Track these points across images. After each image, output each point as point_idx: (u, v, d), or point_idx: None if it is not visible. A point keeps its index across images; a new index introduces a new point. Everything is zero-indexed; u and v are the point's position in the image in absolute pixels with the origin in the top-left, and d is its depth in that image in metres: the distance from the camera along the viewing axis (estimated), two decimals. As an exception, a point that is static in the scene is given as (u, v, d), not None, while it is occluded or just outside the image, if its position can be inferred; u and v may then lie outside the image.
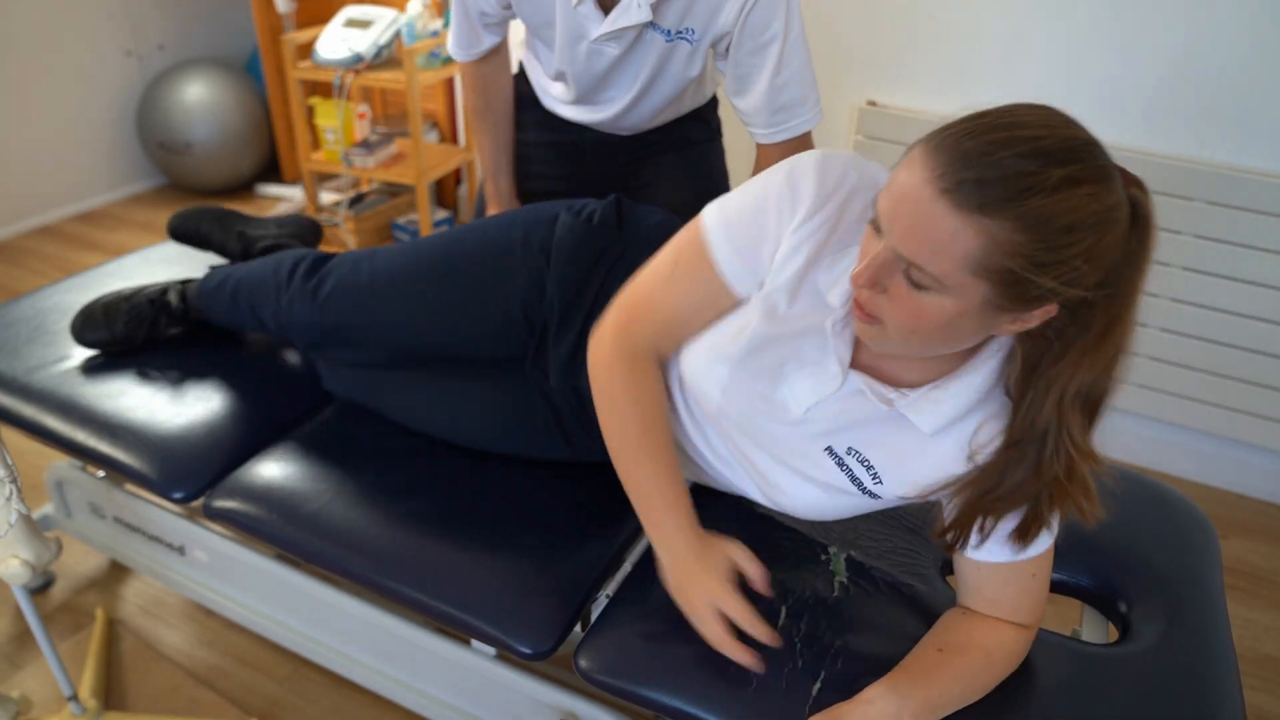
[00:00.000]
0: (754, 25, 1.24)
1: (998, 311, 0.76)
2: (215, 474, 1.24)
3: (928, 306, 0.77)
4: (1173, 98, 1.81)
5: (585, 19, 1.24)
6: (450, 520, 1.14)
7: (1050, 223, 0.71)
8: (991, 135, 0.73)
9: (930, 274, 0.74)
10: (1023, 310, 0.76)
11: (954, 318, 0.77)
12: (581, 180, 1.58)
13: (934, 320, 0.78)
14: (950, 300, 0.76)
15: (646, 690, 0.95)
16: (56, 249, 3.06)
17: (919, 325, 0.79)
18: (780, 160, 1.38)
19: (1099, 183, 0.72)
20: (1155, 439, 2.08)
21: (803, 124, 1.37)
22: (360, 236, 3.02)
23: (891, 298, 0.78)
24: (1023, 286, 0.73)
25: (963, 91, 1.99)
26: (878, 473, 0.93)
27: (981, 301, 0.75)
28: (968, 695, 0.91)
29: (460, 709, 1.28)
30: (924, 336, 0.80)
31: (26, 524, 1.13)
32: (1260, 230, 1.77)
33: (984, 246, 0.72)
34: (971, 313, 0.77)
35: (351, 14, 2.78)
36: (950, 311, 0.77)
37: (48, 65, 3.06)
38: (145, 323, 1.42)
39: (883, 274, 0.78)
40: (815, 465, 0.96)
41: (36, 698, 1.50)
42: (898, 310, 0.79)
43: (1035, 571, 0.92)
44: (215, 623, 1.65)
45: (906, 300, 0.77)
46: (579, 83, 1.38)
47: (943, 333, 0.79)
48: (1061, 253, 0.72)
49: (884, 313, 0.80)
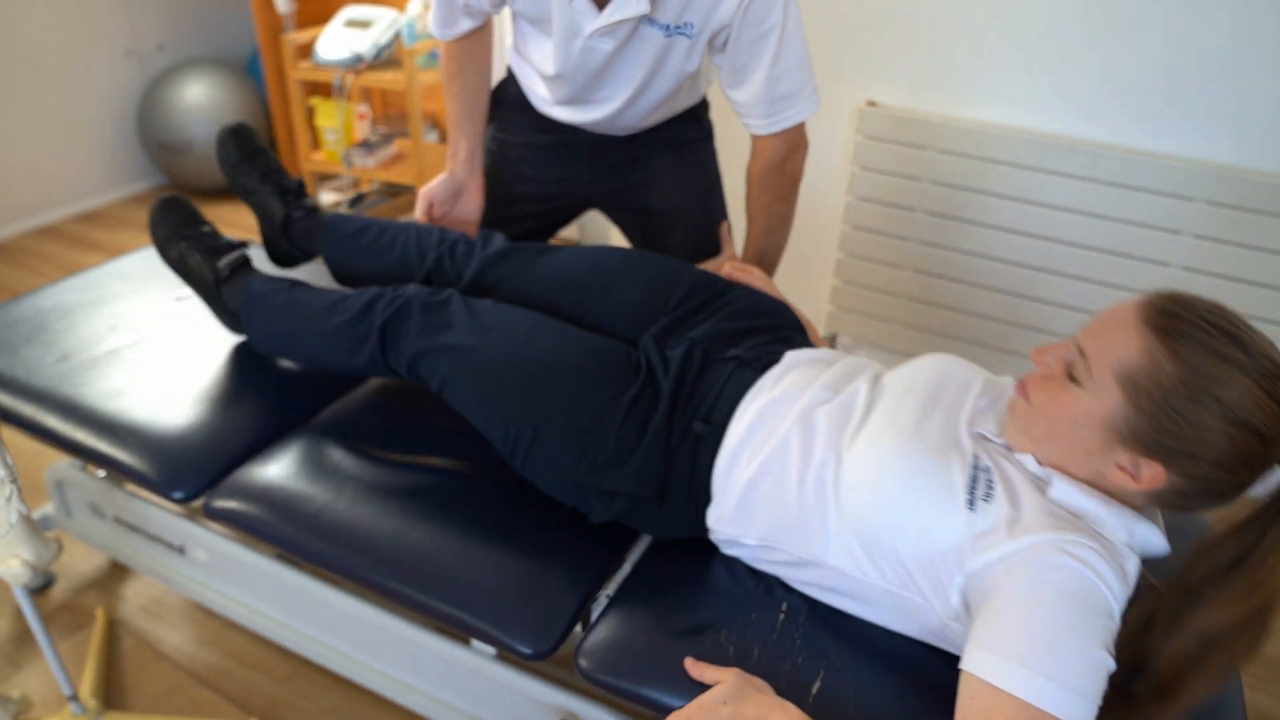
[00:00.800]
0: (754, 16, 1.24)
1: (1116, 438, 0.84)
2: (215, 474, 1.24)
3: (1068, 397, 0.87)
4: (1172, 97, 1.81)
5: (579, 14, 1.24)
6: (450, 520, 1.14)
7: (1204, 380, 0.78)
8: (1220, 315, 0.82)
9: (1087, 366, 0.85)
10: (1136, 451, 0.83)
11: (1081, 416, 0.86)
12: (574, 183, 1.57)
13: (1067, 411, 0.87)
14: (1088, 398, 0.85)
15: (646, 690, 0.95)
16: (56, 249, 3.06)
17: (1052, 410, 0.88)
18: (778, 150, 1.40)
19: (1272, 409, 0.78)
20: (1155, 439, 2.08)
21: (800, 113, 1.37)
22: (360, 236, 3.02)
23: (1046, 379, 0.90)
24: (1147, 418, 0.81)
25: (962, 92, 1.99)
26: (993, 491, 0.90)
27: (1110, 413, 0.84)
28: None
29: (460, 709, 1.28)
30: (1050, 422, 0.89)
31: (26, 524, 1.13)
32: (1260, 230, 1.77)
33: (1139, 360, 0.82)
34: (1097, 422, 0.84)
35: (351, 14, 2.78)
36: (1082, 409, 0.86)
37: (48, 65, 3.06)
38: (193, 261, 1.41)
39: (1054, 356, 0.90)
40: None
41: (36, 698, 1.50)
42: (1045, 392, 0.89)
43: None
44: (215, 623, 1.65)
45: (1058, 388, 0.88)
46: (573, 81, 1.37)
47: (1066, 427, 0.87)
48: (1196, 412, 0.79)
49: (1036, 393, 0.90)
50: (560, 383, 1.10)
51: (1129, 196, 1.85)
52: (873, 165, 2.09)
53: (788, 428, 1.00)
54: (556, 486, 1.10)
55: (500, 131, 1.58)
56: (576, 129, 1.50)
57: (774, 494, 0.98)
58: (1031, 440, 0.92)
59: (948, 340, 2.17)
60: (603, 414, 1.07)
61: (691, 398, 1.08)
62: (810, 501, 0.96)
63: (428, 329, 1.19)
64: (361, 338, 1.23)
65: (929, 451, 0.91)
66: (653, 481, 1.04)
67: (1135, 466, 0.85)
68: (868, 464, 0.93)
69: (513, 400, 1.11)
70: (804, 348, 1.16)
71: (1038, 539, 0.82)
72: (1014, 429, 0.94)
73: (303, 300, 1.32)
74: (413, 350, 1.19)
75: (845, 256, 2.21)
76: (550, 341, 1.15)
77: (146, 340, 1.47)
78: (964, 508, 0.87)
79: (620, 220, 1.63)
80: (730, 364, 1.11)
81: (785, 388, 1.05)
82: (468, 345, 1.16)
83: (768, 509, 0.99)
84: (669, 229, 1.58)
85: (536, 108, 1.51)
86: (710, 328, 1.16)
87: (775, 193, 1.47)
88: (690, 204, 1.58)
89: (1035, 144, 1.90)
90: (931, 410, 0.97)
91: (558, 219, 1.65)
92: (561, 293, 1.30)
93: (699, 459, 1.04)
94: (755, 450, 1.01)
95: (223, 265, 1.39)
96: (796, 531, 0.97)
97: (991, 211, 2.00)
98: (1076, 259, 1.96)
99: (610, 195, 1.59)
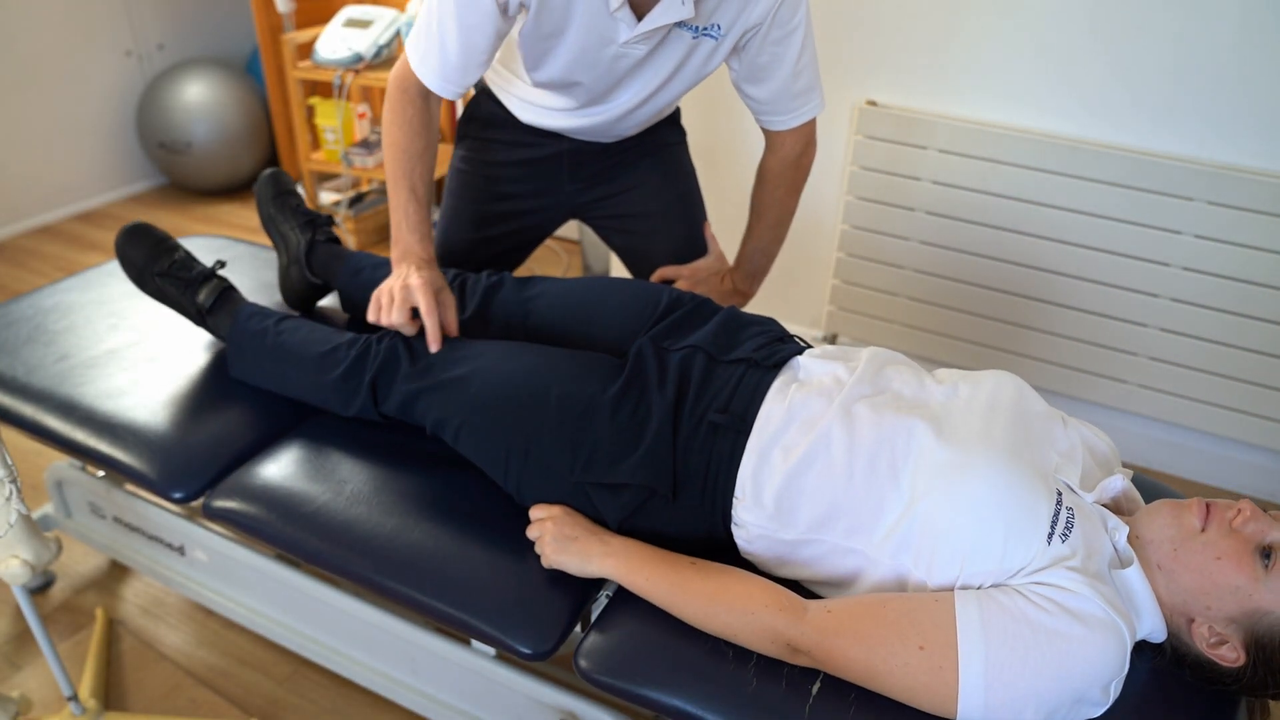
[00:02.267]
0: (784, 15, 1.24)
1: (1241, 622, 0.87)
2: (215, 474, 1.25)
3: (1246, 569, 0.87)
4: (1172, 98, 1.81)
5: (619, 22, 1.20)
6: (450, 520, 1.14)
7: None
8: None
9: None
10: (1241, 639, 0.87)
11: (1241, 593, 0.87)
12: (556, 194, 1.55)
13: (1233, 578, 0.87)
14: (1262, 588, 0.86)
15: (646, 690, 0.95)
16: (56, 249, 3.06)
17: (1226, 562, 0.88)
18: (796, 144, 1.41)
19: None
20: (1155, 439, 2.08)
21: (816, 107, 1.39)
22: (360, 236, 3.02)
23: (1235, 535, 0.89)
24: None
25: (963, 92, 1.99)
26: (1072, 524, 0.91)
27: (1263, 610, 0.85)
28: (673, 602, 0.97)
29: (460, 709, 1.28)
30: (1204, 565, 0.89)
31: (26, 524, 1.13)
32: (1260, 230, 1.77)
33: None
34: (1245, 604, 0.86)
35: (351, 14, 2.78)
36: (1247, 589, 0.86)
37: (48, 65, 3.06)
38: (177, 279, 1.38)
39: (1259, 533, 0.88)
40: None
41: (36, 698, 1.50)
42: (1227, 545, 0.88)
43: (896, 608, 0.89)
44: (215, 623, 1.65)
45: (1243, 553, 0.87)
46: (591, 89, 1.34)
47: (1216, 582, 0.88)
48: None
49: (1217, 533, 0.89)
50: (543, 390, 1.11)
51: (1129, 196, 1.85)
52: (873, 165, 2.09)
53: (829, 421, 0.99)
54: (560, 496, 1.10)
55: (471, 152, 1.54)
56: (560, 139, 1.48)
57: (820, 485, 0.97)
58: (1174, 553, 0.91)
59: (948, 340, 2.17)
60: (590, 408, 1.07)
61: (701, 394, 1.07)
62: (863, 491, 0.95)
63: (415, 373, 1.20)
64: (352, 392, 1.24)
65: (1027, 478, 0.91)
66: (662, 472, 1.03)
67: (1221, 641, 0.88)
68: (964, 470, 0.92)
69: (502, 421, 1.12)
70: (805, 348, 1.16)
71: (1090, 591, 0.85)
72: (1163, 528, 0.93)
73: (290, 346, 1.31)
74: (402, 395, 1.20)
75: (845, 256, 2.21)
76: (532, 357, 1.16)
77: (146, 340, 1.47)
78: (1044, 540, 0.88)
79: (602, 227, 1.61)
80: (739, 366, 1.10)
81: (817, 381, 1.05)
82: (456, 378, 1.17)
83: (812, 501, 0.97)
84: (652, 232, 1.57)
85: (521, 120, 1.47)
86: (707, 333, 1.16)
87: (790, 187, 1.48)
88: (674, 206, 1.58)
89: (1035, 144, 1.90)
90: (1025, 437, 0.97)
91: (537, 235, 1.62)
92: (554, 313, 1.31)
93: (716, 449, 1.03)
94: (792, 443, 1.00)
95: (203, 299, 1.38)
96: (847, 520, 0.96)
97: (991, 211, 2.00)
98: (1076, 259, 1.96)
99: (592, 204, 1.58)
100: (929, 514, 0.91)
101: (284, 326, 1.33)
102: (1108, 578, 0.89)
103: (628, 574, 1.00)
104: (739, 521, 1.02)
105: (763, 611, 0.92)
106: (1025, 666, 0.81)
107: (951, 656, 0.83)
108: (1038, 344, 2.07)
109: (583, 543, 1.03)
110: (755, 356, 1.11)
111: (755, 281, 1.60)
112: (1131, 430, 2.08)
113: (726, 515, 1.03)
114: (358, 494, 1.18)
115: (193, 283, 1.38)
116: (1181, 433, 2.05)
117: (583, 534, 1.04)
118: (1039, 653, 0.82)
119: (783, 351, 1.12)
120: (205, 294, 1.38)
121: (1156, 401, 1.99)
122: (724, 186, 2.25)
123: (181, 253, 1.41)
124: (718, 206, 2.09)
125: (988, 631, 0.83)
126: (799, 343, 1.17)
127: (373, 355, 1.24)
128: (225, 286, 1.40)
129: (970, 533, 0.89)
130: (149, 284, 1.40)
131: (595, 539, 1.04)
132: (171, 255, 1.40)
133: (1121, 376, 2.01)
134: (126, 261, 1.40)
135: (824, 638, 0.89)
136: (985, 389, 1.02)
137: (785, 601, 0.92)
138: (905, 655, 0.85)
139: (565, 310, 1.28)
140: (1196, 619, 0.90)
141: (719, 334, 1.16)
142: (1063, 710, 0.82)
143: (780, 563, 1.02)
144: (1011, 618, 0.83)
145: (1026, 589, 0.86)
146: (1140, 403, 2.01)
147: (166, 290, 1.39)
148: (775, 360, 1.10)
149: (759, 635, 0.92)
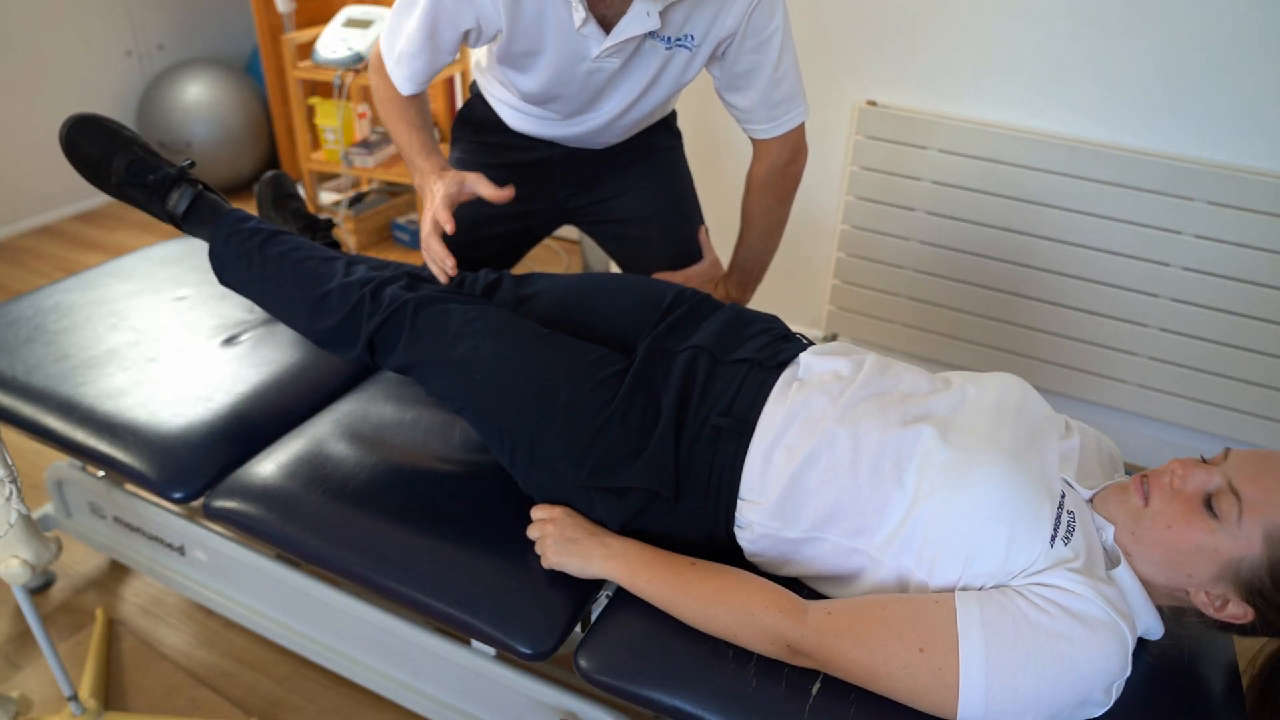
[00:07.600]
0: (758, 23, 1.24)
1: (1228, 578, 0.85)
2: (215, 474, 1.25)
3: (1200, 525, 0.86)
4: (1172, 97, 1.81)
5: (587, 39, 1.21)
6: (450, 520, 1.14)
7: None
8: None
9: (1238, 508, 0.84)
10: (1239, 594, 0.86)
11: (1206, 548, 0.85)
12: (549, 199, 1.55)
13: (1191, 537, 0.86)
14: (1223, 537, 0.84)
15: (646, 690, 0.95)
16: (56, 249, 3.06)
17: (1176, 527, 0.87)
18: (783, 153, 1.40)
19: None
20: (1155, 439, 2.08)
21: (799, 114, 1.38)
22: (360, 237, 3.02)
23: (1177, 497, 0.88)
24: (1274, 578, 0.83)
25: (963, 91, 1.99)
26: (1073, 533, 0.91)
27: (1238, 558, 0.84)
28: (674, 603, 0.97)
29: (460, 709, 1.28)
30: (1165, 534, 0.88)
31: (26, 524, 1.13)
32: (1260, 230, 1.77)
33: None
34: (1220, 559, 0.85)
35: (351, 14, 2.78)
36: (1210, 542, 0.85)
37: (48, 65, 3.06)
38: (140, 185, 1.28)
39: (1196, 479, 0.88)
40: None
41: (36, 698, 1.50)
42: (1172, 507, 0.88)
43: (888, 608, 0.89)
44: (215, 623, 1.65)
45: (1189, 509, 0.87)
46: (572, 102, 1.35)
47: (1183, 548, 0.87)
48: None
49: (1160, 501, 0.89)
50: (552, 389, 1.10)
51: (1129, 196, 1.85)
52: (873, 165, 2.09)
53: (832, 421, 0.99)
54: (563, 495, 1.10)
55: (465, 154, 1.55)
56: (552, 144, 1.48)
57: (824, 484, 0.97)
58: (1133, 537, 0.91)
59: (948, 340, 2.17)
60: (599, 417, 1.07)
61: (704, 397, 1.07)
62: (867, 491, 0.95)
63: (416, 340, 1.18)
64: (348, 343, 1.22)
65: (1031, 480, 0.91)
66: (665, 476, 1.03)
67: (1224, 602, 0.87)
68: (969, 471, 0.91)
69: (507, 414, 1.11)
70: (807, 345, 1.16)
71: (1093, 593, 0.85)
72: (1117, 515, 0.93)
73: (279, 283, 1.26)
74: (401, 361, 1.20)
75: (845, 256, 2.21)
76: (540, 347, 1.15)
77: (146, 340, 1.47)
78: (1047, 543, 0.88)
79: (596, 232, 1.61)
80: (743, 366, 1.10)
81: (817, 378, 1.05)
82: (458, 359, 1.15)
83: (816, 500, 0.97)
84: (646, 236, 1.56)
85: (512, 126, 1.48)
86: (711, 332, 1.16)
87: (778, 195, 1.47)
88: (668, 210, 1.57)
89: (1035, 144, 1.90)
90: (1029, 440, 0.97)
91: (529, 239, 1.62)
92: (553, 310, 1.30)
93: (719, 453, 1.03)
94: (795, 443, 1.00)
95: (173, 205, 1.28)
96: (851, 519, 0.95)
97: (991, 211, 2.00)
98: (1076, 259, 1.96)
99: (585, 208, 1.58)
100: (933, 515, 0.91)
101: (269, 253, 1.27)
102: (1108, 579, 0.89)
103: (628, 576, 1.00)
104: (743, 523, 1.02)
105: (763, 613, 0.92)
106: (1026, 668, 0.81)
107: (952, 658, 0.83)
108: (1038, 344, 2.08)
109: (583, 545, 1.03)
110: (758, 357, 1.10)
111: (748, 289, 1.60)
112: (1131, 430, 2.08)
113: (729, 517, 1.03)
114: (358, 494, 1.18)
115: (159, 188, 1.28)
116: (1181, 433, 2.05)
117: (583, 536, 1.04)
118: (1040, 654, 0.81)
119: (785, 351, 1.12)
120: (175, 200, 1.28)
121: (1156, 401, 1.99)
122: (721, 191, 2.25)
123: (140, 147, 1.29)
124: (715, 211, 2.09)
125: (988, 633, 0.83)
126: (802, 340, 1.17)
127: (368, 310, 1.19)
128: (198, 191, 1.31)
129: (974, 534, 0.89)
130: (108, 186, 1.29)
131: (596, 541, 1.04)
132: (131, 151, 1.28)
133: (1121, 376, 2.01)
134: (79, 159, 1.27)
135: (824, 639, 0.89)
136: (991, 391, 1.02)
137: (786, 603, 0.92)
138: (906, 657, 0.85)
139: (565, 308, 1.28)
140: (1191, 590, 0.89)
141: (722, 333, 1.16)
142: (1065, 712, 0.82)
143: (784, 561, 1.02)
144: (1012, 619, 0.83)
145: (1027, 590, 0.86)
146: (1140, 403, 2.01)
147: (130, 195, 1.30)
148: (778, 360, 1.10)
149: (759, 636, 0.92)
